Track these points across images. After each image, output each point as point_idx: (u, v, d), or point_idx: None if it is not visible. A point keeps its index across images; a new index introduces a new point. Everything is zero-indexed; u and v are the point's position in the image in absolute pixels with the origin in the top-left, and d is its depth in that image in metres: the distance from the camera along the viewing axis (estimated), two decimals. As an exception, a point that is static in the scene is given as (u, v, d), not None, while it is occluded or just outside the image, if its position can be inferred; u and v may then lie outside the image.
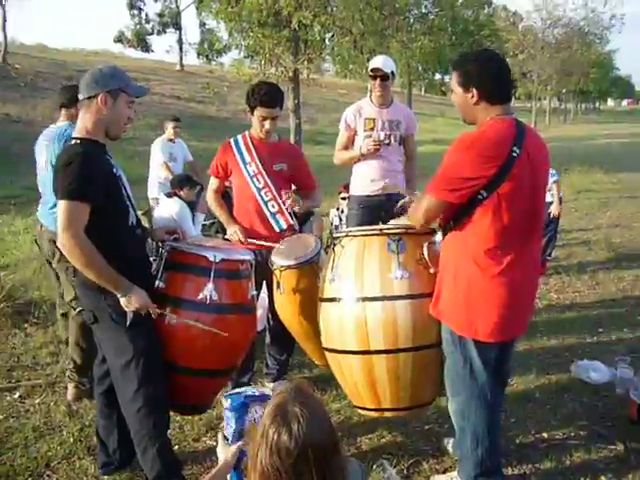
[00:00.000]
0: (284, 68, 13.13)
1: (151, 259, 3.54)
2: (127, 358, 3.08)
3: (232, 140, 4.44)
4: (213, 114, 29.19)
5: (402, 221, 3.38)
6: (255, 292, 3.58)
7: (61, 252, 4.40)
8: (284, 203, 4.26)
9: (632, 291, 7.12)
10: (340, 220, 7.86)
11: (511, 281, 2.90)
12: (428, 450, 3.86)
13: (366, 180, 5.40)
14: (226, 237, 4.44)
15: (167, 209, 6.80)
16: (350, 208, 5.63)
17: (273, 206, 4.32)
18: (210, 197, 4.55)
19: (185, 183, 7.09)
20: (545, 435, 4.00)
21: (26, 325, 5.95)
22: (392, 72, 5.22)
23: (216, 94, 28.40)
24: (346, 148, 5.47)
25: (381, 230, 3.28)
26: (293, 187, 4.51)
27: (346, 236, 3.33)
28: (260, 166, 4.29)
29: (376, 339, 3.17)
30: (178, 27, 44.25)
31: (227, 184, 4.64)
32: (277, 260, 3.88)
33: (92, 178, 2.87)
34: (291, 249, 4.03)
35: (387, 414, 3.39)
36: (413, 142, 5.62)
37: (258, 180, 4.31)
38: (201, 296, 3.25)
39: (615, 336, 5.75)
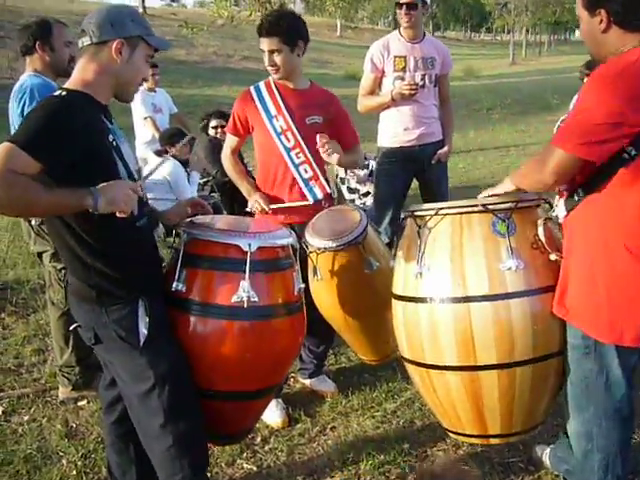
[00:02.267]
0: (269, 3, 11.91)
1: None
2: (147, 386, 2.35)
3: (252, 88, 3.56)
4: (182, 58, 27.77)
5: (499, 189, 2.55)
6: (302, 285, 2.76)
7: (40, 235, 3.65)
8: (317, 164, 3.44)
9: None
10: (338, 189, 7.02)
11: None
12: (517, 462, 3.18)
13: (398, 129, 4.64)
14: (247, 210, 3.61)
15: (158, 170, 5.92)
16: (379, 163, 4.80)
17: (306, 170, 3.49)
18: (227, 160, 3.69)
19: (177, 138, 6.24)
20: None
21: (3, 315, 5.07)
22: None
23: (184, 37, 26.99)
24: (372, 93, 4.66)
25: (484, 205, 2.43)
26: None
27: (436, 214, 2.48)
28: (290, 120, 3.43)
29: (486, 351, 2.39)
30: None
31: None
32: (313, 241, 3.11)
33: (64, 136, 2.07)
34: (330, 226, 3.24)
35: (493, 441, 2.64)
36: (448, 82, 4.83)
37: (287, 138, 3.45)
38: (236, 299, 2.44)
39: None
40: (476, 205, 2.45)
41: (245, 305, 2.43)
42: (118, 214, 2.15)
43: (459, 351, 2.42)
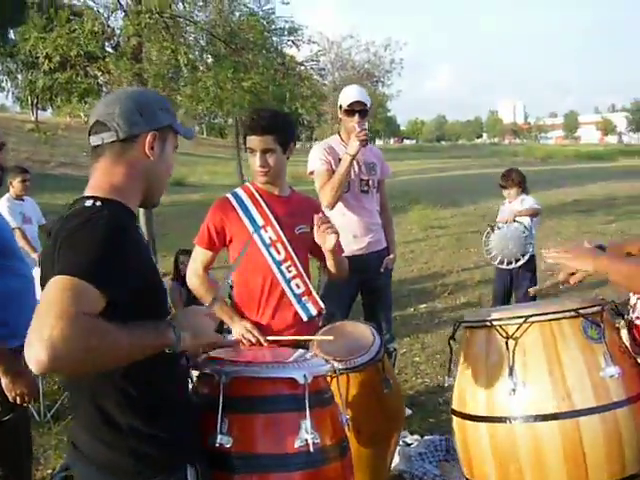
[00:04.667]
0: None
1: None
2: None
3: (231, 195, 3.21)
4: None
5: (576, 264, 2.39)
6: (347, 416, 2.45)
7: None
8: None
9: None
10: None
11: None
12: None
13: (348, 237, 4.41)
14: (230, 338, 3.20)
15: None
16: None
17: (298, 285, 3.13)
18: (196, 277, 3.21)
19: None
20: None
21: None
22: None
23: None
24: None
25: (576, 310, 2.32)
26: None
27: (525, 322, 2.32)
28: (279, 230, 3.11)
29: (598, 468, 2.21)
30: None
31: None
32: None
33: (125, 260, 1.66)
34: (340, 344, 2.96)
35: None
36: (384, 188, 4.79)
37: (277, 250, 3.10)
38: (299, 444, 2.05)
39: None
40: (567, 310, 2.32)
41: (311, 449, 2.05)
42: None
43: (569, 472, 2.20)
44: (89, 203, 1.74)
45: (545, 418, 2.25)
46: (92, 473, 1.79)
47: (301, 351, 2.63)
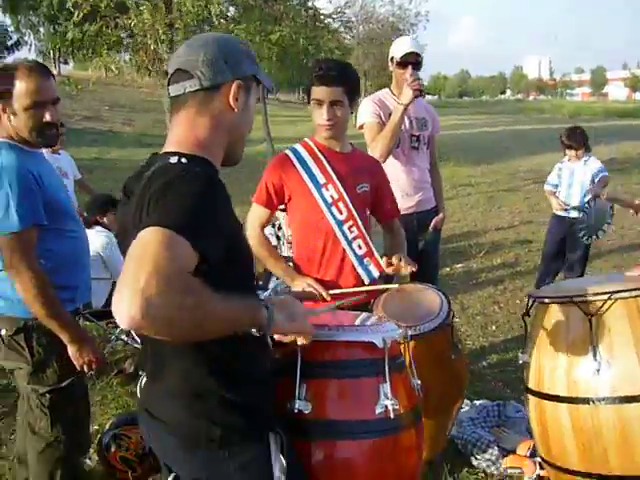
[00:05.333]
0: (157, 60, 11.34)
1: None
2: None
3: (290, 151, 3.08)
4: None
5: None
6: (419, 382, 2.35)
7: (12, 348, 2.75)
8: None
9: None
10: (278, 239, 6.56)
11: None
12: None
13: (397, 195, 4.28)
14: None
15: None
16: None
17: (360, 246, 3.04)
18: (254, 236, 3.10)
19: (109, 206, 5.49)
20: None
21: None
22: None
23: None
24: None
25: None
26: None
27: (609, 298, 2.20)
28: (342, 189, 3.00)
29: (685, 449, 2.12)
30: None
31: None
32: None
33: (218, 220, 1.56)
34: (406, 309, 2.88)
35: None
36: (434, 145, 4.62)
37: (339, 209, 3.00)
38: (379, 410, 1.97)
39: None
40: (657, 284, 2.20)
41: (391, 415, 1.98)
42: (299, 340, 1.79)
43: (658, 455, 2.13)
44: (174, 160, 1.63)
45: (633, 400, 2.16)
46: (172, 442, 1.73)
47: (365, 314, 2.52)
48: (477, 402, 3.86)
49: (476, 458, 3.43)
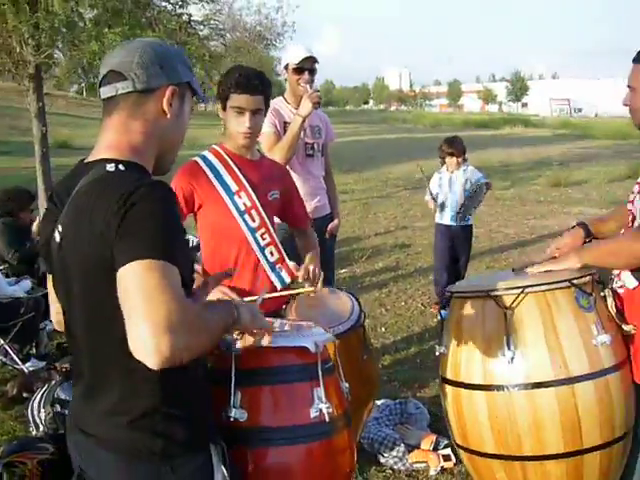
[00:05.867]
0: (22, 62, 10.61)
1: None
2: None
3: (199, 158, 3.05)
4: None
5: (562, 266, 2.51)
6: (347, 385, 2.40)
7: None
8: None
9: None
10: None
11: None
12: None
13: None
14: None
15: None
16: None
17: (272, 253, 3.07)
18: None
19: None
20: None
21: None
22: None
23: None
24: None
25: (570, 280, 2.36)
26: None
27: (522, 292, 2.35)
28: (254, 196, 3.01)
29: (592, 432, 2.30)
30: None
31: None
32: None
33: (183, 237, 1.63)
34: (319, 312, 2.92)
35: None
36: (328, 152, 4.72)
37: (252, 217, 3.00)
38: (314, 414, 2.01)
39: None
40: (561, 280, 2.36)
41: (326, 419, 2.02)
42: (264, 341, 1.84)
43: (565, 437, 2.28)
44: (111, 167, 1.59)
45: (543, 385, 2.31)
46: (111, 459, 1.65)
47: (280, 320, 2.57)
48: (379, 402, 3.97)
49: (383, 456, 3.54)
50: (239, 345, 1.96)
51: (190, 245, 5.20)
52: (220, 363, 2.03)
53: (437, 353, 2.65)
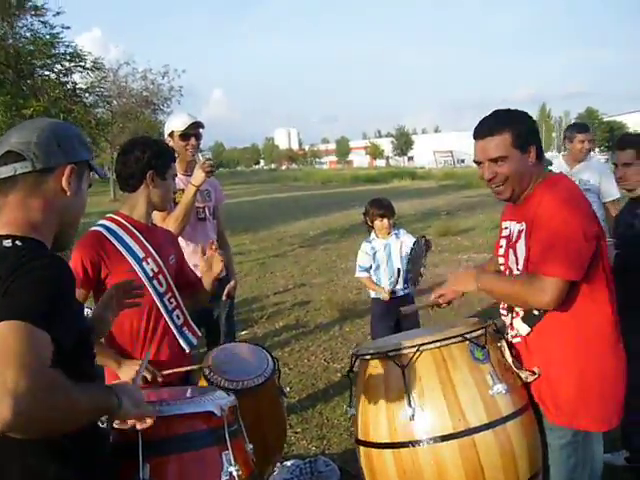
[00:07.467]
0: None
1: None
2: None
3: (101, 228, 3.01)
4: None
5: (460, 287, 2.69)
6: (251, 446, 2.38)
7: None
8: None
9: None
10: None
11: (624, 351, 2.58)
12: None
13: (189, 265, 4.32)
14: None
15: None
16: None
17: (178, 316, 3.10)
18: None
19: None
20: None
21: None
22: None
23: None
24: None
25: (462, 335, 2.45)
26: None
27: (417, 350, 2.40)
28: (160, 261, 3.02)
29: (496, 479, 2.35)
30: None
31: None
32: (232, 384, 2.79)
33: (69, 306, 1.59)
34: (233, 366, 3.00)
35: None
36: (219, 215, 4.74)
37: (160, 282, 3.02)
38: (225, 478, 2.04)
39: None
40: (455, 336, 2.45)
41: None
42: (138, 425, 1.76)
43: (469, 487, 2.33)
44: (8, 243, 1.60)
45: (444, 439, 2.36)
46: None
47: (193, 387, 2.65)
48: (288, 463, 3.92)
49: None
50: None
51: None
52: (125, 436, 1.99)
53: (349, 415, 2.68)
